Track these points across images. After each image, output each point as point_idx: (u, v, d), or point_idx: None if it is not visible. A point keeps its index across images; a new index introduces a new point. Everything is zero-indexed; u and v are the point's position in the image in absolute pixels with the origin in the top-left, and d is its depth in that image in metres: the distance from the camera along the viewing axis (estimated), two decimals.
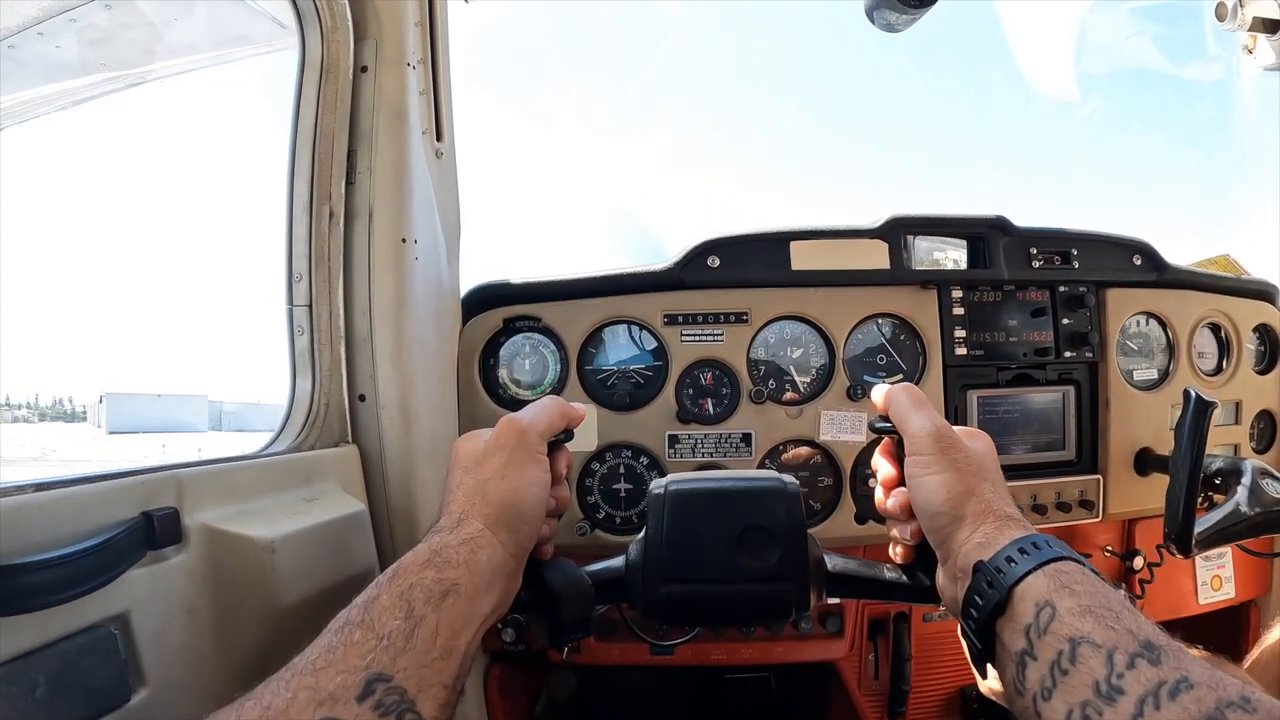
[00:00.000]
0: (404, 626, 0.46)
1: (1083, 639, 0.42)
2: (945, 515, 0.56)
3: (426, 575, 0.50)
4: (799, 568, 0.62)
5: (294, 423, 0.91)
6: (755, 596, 0.62)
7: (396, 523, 0.94)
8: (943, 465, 0.57)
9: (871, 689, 1.16)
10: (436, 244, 1.03)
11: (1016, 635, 0.47)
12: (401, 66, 0.96)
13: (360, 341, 0.92)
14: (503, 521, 0.56)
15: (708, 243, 1.06)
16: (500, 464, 0.59)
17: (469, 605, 0.51)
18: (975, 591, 0.51)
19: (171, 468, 0.66)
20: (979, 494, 0.56)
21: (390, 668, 0.44)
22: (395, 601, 0.47)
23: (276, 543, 0.70)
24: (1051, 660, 0.43)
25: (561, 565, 0.65)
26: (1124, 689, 0.39)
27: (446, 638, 0.47)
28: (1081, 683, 0.41)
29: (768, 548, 0.62)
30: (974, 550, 0.53)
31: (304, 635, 0.48)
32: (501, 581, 0.55)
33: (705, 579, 0.61)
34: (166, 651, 0.61)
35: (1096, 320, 1.17)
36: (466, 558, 0.52)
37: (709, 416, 1.06)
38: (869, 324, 1.11)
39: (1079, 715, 0.40)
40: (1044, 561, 0.48)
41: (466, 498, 0.58)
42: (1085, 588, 0.46)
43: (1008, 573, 0.49)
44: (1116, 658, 0.40)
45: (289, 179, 0.93)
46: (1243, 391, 1.25)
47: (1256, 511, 0.96)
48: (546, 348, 1.08)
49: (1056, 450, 1.16)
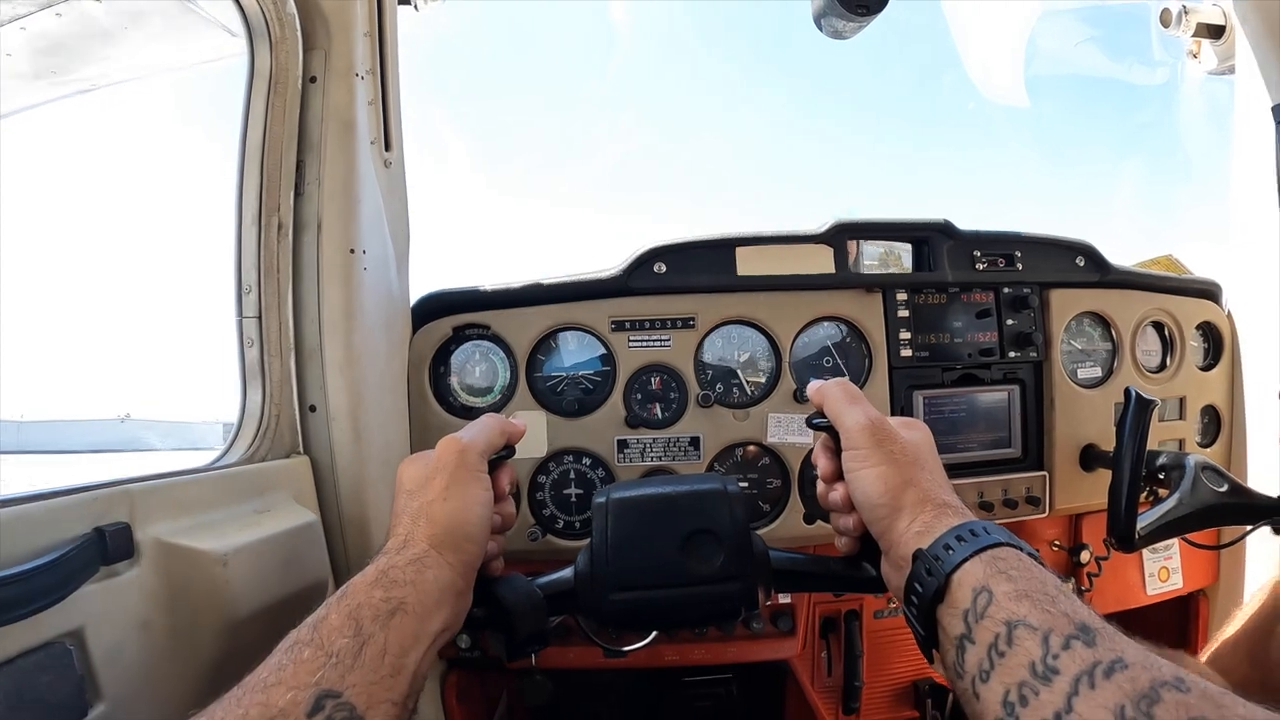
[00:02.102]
0: (352, 644, 0.47)
1: (1019, 622, 0.43)
2: (884, 507, 0.58)
3: (374, 594, 0.51)
4: (745, 567, 0.63)
5: (245, 434, 0.92)
6: (704, 598, 0.63)
7: (349, 532, 0.96)
8: (879, 458, 0.59)
9: (825, 685, 1.18)
10: (386, 254, 1.04)
11: (955, 620, 0.48)
12: (350, 77, 0.97)
13: (310, 352, 0.93)
14: (448, 542, 0.58)
15: (654, 249, 1.07)
16: (442, 486, 0.60)
17: (417, 623, 0.52)
18: (915, 579, 0.52)
19: (123, 482, 0.67)
20: (916, 483, 0.58)
21: (339, 684, 0.44)
22: (344, 620, 0.48)
23: (229, 555, 0.71)
24: (989, 643, 0.44)
25: (512, 580, 0.66)
26: (1059, 669, 0.40)
27: (395, 655, 0.48)
28: (1018, 664, 0.42)
29: (713, 550, 0.63)
30: (913, 539, 0.54)
31: (259, 647, 0.50)
32: (450, 600, 0.56)
33: (653, 585, 0.62)
34: (122, 666, 0.62)
35: (1040, 321, 1.20)
36: (413, 577, 0.54)
37: (657, 421, 1.07)
38: (815, 327, 1.13)
39: (1015, 695, 0.41)
40: (981, 548, 0.50)
41: (411, 520, 0.59)
42: (1021, 573, 0.47)
43: (945, 560, 0.50)
44: (1052, 639, 0.41)
45: (238, 190, 0.94)
46: (1186, 388, 1.28)
47: (1198, 506, 0.98)
48: (496, 355, 1.09)
49: (1003, 448, 1.18)
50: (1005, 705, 0.42)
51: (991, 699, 0.43)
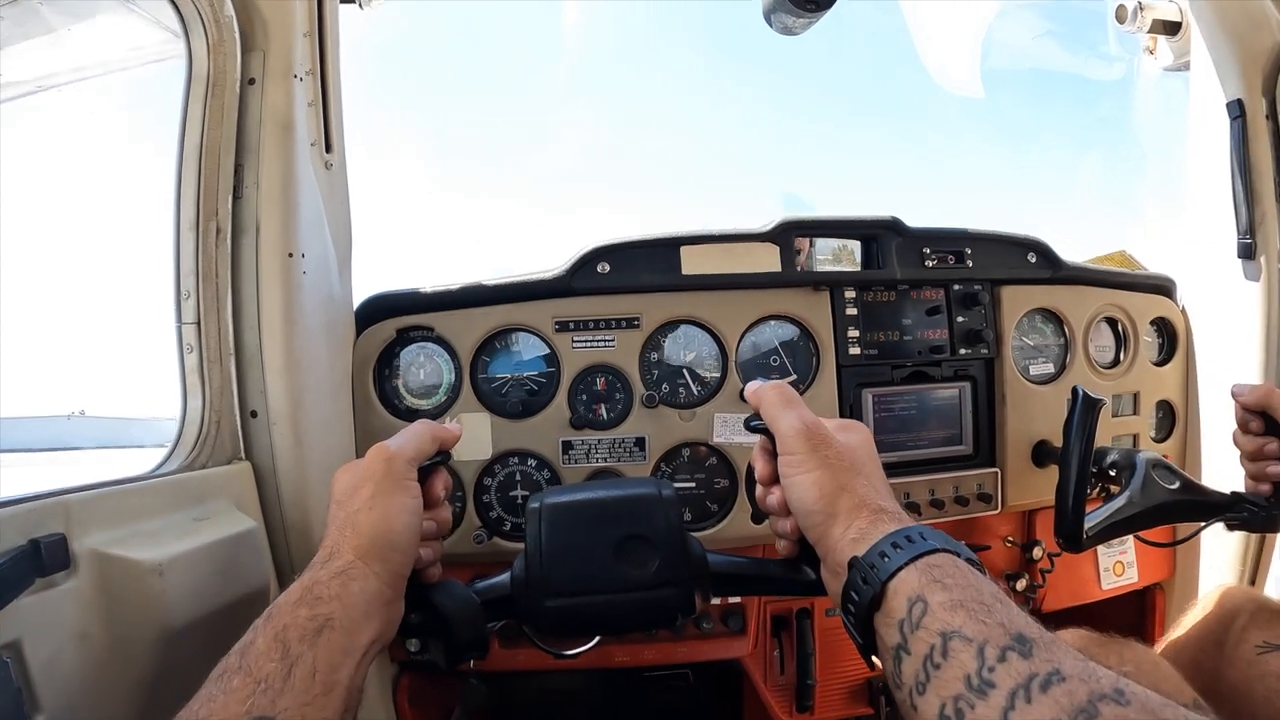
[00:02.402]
0: (280, 668, 0.46)
1: (954, 633, 0.43)
2: (819, 514, 0.57)
3: (300, 613, 0.51)
4: (680, 572, 0.63)
5: (185, 441, 0.92)
6: (639, 604, 0.63)
7: (293, 539, 0.95)
8: (813, 463, 0.58)
9: (778, 684, 1.19)
10: (326, 257, 1.03)
11: (892, 630, 0.47)
12: (289, 79, 0.96)
13: (250, 357, 0.93)
14: (374, 551, 0.57)
15: (597, 249, 1.07)
16: (368, 494, 0.59)
17: (346, 638, 0.51)
18: (852, 587, 0.52)
19: (59, 493, 0.66)
20: (851, 489, 0.57)
21: (270, 710, 0.44)
22: (271, 644, 0.48)
23: (164, 565, 0.71)
24: (924, 655, 0.44)
25: (448, 587, 0.66)
26: (995, 682, 0.39)
27: (325, 673, 0.48)
28: (953, 677, 0.41)
29: (647, 555, 0.63)
30: (849, 546, 0.54)
31: (201, 656, 0.51)
32: (379, 611, 0.56)
33: (588, 590, 0.62)
34: (60, 678, 0.62)
35: (992, 317, 1.20)
36: (338, 591, 0.53)
37: (602, 422, 1.07)
38: (762, 326, 1.13)
39: (951, 709, 0.41)
40: (916, 556, 0.49)
41: (339, 530, 0.59)
42: (957, 581, 0.47)
43: (881, 568, 0.49)
44: (988, 651, 0.41)
45: (175, 194, 0.93)
46: (1140, 383, 1.28)
47: (1150, 504, 0.98)
48: (441, 357, 1.08)
49: (954, 445, 1.19)
50: (942, 719, 0.41)
51: (928, 712, 0.42)
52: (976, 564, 0.51)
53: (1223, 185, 1.26)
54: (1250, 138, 1.23)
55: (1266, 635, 0.93)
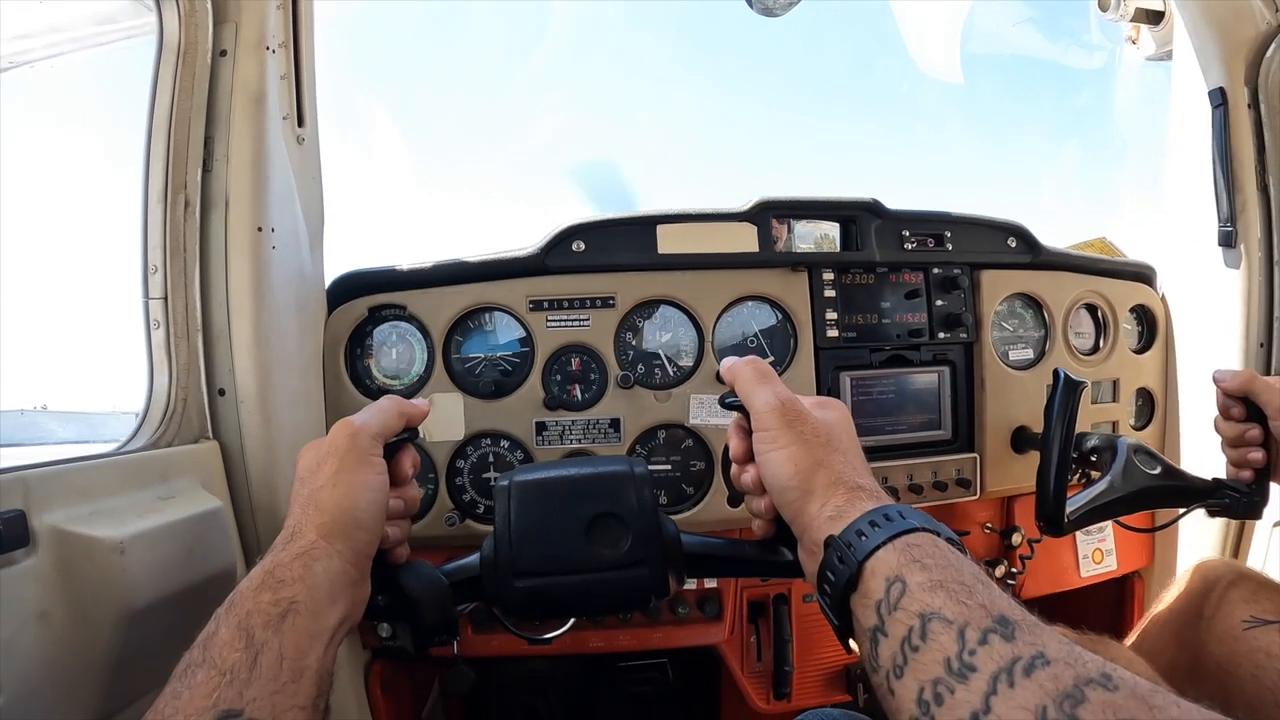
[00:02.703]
0: (245, 657, 0.45)
1: (933, 615, 0.41)
2: (794, 490, 0.55)
3: (262, 599, 0.49)
4: (653, 552, 0.61)
5: (151, 419, 0.90)
6: (611, 584, 0.61)
7: (260, 520, 0.94)
8: (788, 439, 0.57)
9: (755, 670, 1.18)
10: (297, 232, 1.01)
11: (869, 611, 0.46)
12: (261, 50, 0.94)
13: (218, 334, 0.91)
14: (337, 530, 0.55)
15: (572, 227, 1.06)
16: (332, 471, 0.57)
17: (312, 622, 0.49)
18: (828, 567, 0.50)
19: (18, 469, 0.64)
20: (828, 465, 0.55)
21: (238, 702, 0.42)
22: (234, 633, 0.46)
23: (125, 543, 0.69)
24: (902, 637, 0.42)
25: (416, 567, 0.64)
26: (976, 666, 0.38)
27: (293, 659, 0.47)
28: (933, 660, 0.40)
29: (619, 534, 0.61)
30: (825, 524, 0.52)
31: (165, 636, 0.49)
32: (344, 591, 0.54)
33: (558, 571, 0.61)
34: (20, 659, 0.60)
35: (971, 301, 1.19)
36: (301, 573, 0.51)
37: (576, 403, 1.06)
38: (739, 307, 1.12)
39: (930, 693, 0.39)
40: (894, 535, 0.47)
41: (301, 509, 0.57)
42: (937, 560, 0.45)
43: (858, 547, 0.48)
44: (968, 634, 0.39)
45: (144, 167, 0.92)
46: (1120, 370, 1.28)
47: (1131, 488, 0.97)
48: (413, 336, 1.07)
49: (933, 430, 1.18)
50: (920, 704, 0.40)
51: (906, 696, 0.41)
52: (957, 544, 0.49)
53: (1203, 174, 1.26)
54: (1232, 126, 1.23)
55: (1251, 608, 0.92)
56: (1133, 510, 0.99)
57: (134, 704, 0.72)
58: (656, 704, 1.33)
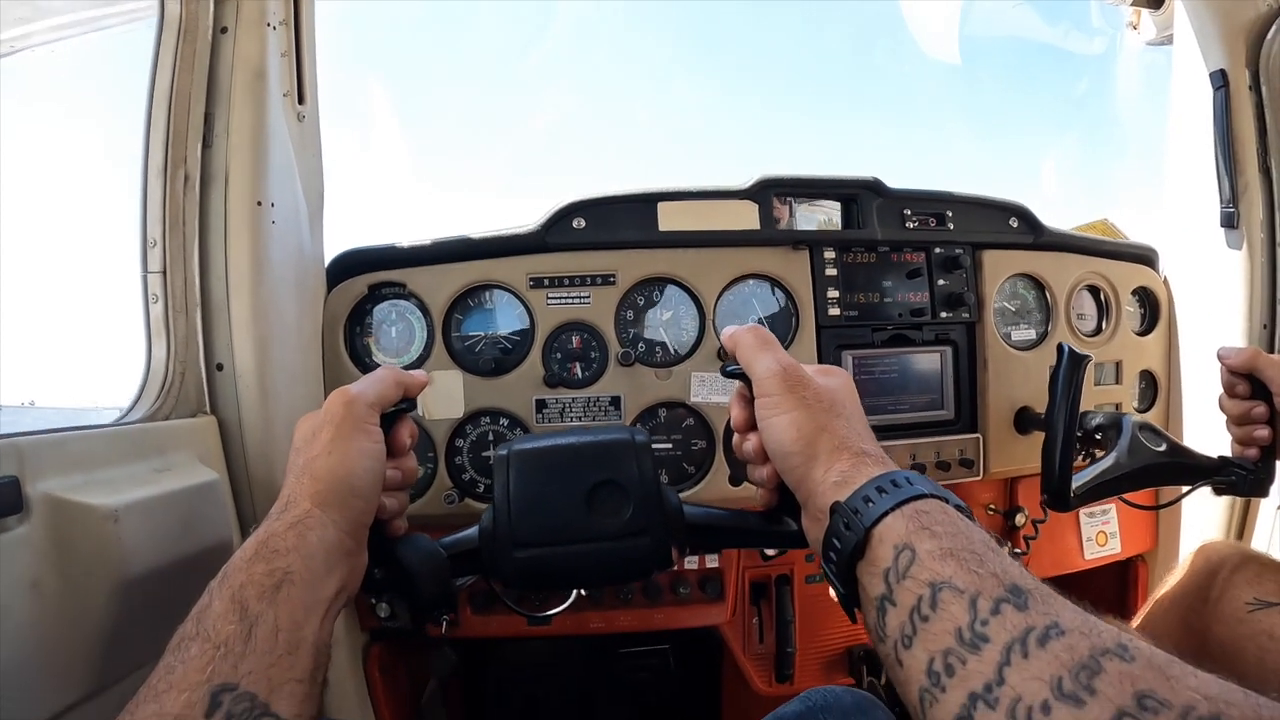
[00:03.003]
0: (240, 629, 0.44)
1: (944, 584, 0.40)
2: (797, 455, 0.54)
3: (256, 570, 0.48)
4: (655, 522, 0.60)
5: (149, 393, 0.90)
6: (612, 554, 0.60)
7: (257, 495, 0.93)
8: (791, 404, 0.56)
9: (757, 653, 1.16)
10: (297, 209, 1.01)
11: (876, 580, 0.45)
12: (262, 27, 0.95)
13: (217, 309, 0.91)
14: (332, 498, 0.54)
15: (572, 204, 1.05)
16: (327, 439, 0.56)
17: (307, 592, 0.48)
18: (833, 534, 0.49)
19: (12, 435, 0.63)
20: (831, 430, 0.54)
21: (233, 675, 0.42)
22: (228, 605, 0.45)
23: (120, 511, 0.68)
24: (911, 606, 0.41)
25: (414, 540, 0.63)
26: (989, 636, 0.37)
27: (289, 631, 0.45)
28: (943, 630, 0.39)
29: (620, 503, 0.60)
30: (830, 490, 0.51)
31: (158, 610, 0.48)
32: (342, 561, 0.53)
33: (558, 541, 0.59)
34: (10, 628, 0.59)
35: (973, 281, 1.18)
36: (295, 543, 0.50)
37: (577, 380, 1.05)
38: (740, 285, 1.12)
39: (941, 664, 0.38)
40: (903, 501, 0.46)
41: (295, 478, 0.56)
42: (947, 528, 0.44)
43: (865, 513, 0.47)
44: (980, 603, 0.38)
45: (144, 142, 0.92)
46: (1122, 352, 1.27)
47: (1136, 465, 0.96)
48: (413, 314, 1.06)
49: (935, 410, 1.17)
50: (930, 674, 0.38)
51: (915, 667, 0.40)
52: (965, 511, 0.48)
53: (1204, 158, 1.26)
54: (1233, 108, 1.23)
55: (1256, 591, 0.91)
56: (1138, 487, 0.98)
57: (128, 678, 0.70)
58: (656, 691, 1.31)
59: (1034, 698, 0.33)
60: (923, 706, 0.39)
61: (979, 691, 0.35)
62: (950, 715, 0.37)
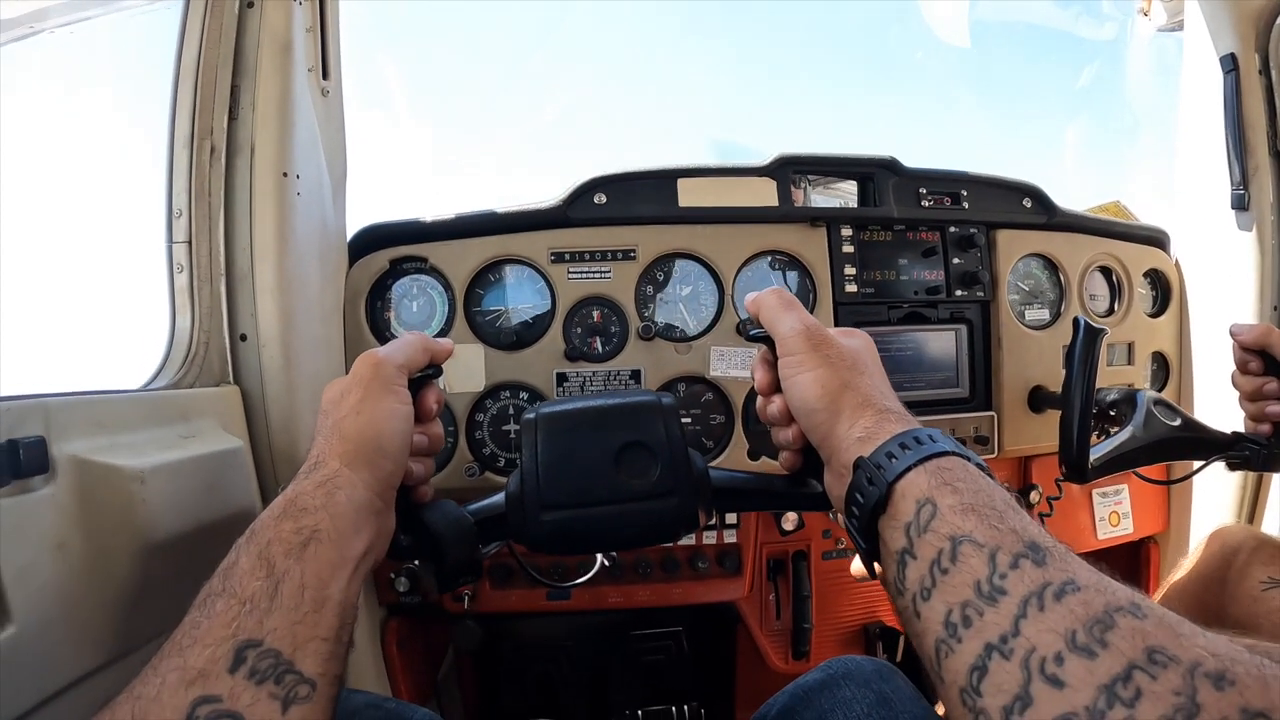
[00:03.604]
0: (266, 586, 0.44)
1: (964, 538, 0.41)
2: (821, 411, 0.55)
3: (284, 528, 0.48)
4: (682, 482, 0.60)
5: (173, 360, 0.90)
6: (640, 515, 0.59)
7: (280, 464, 0.94)
8: (815, 362, 0.56)
9: (774, 629, 1.17)
10: (321, 182, 1.02)
11: (897, 534, 0.45)
12: (288, 2, 0.95)
13: (241, 278, 0.92)
14: (361, 457, 0.54)
15: (594, 180, 1.06)
16: (356, 399, 0.56)
17: (334, 550, 0.48)
18: (856, 489, 0.49)
19: (39, 396, 0.63)
20: (855, 387, 0.55)
21: (258, 631, 0.42)
22: (255, 562, 0.45)
23: (146, 473, 0.68)
24: (931, 559, 0.42)
25: (441, 505, 0.63)
26: (1006, 589, 0.37)
27: (315, 589, 0.45)
28: (962, 582, 0.39)
29: (648, 464, 0.59)
30: (855, 445, 0.51)
31: (182, 572, 0.47)
32: (369, 520, 0.53)
33: (586, 502, 0.59)
34: (35, 588, 0.59)
35: (987, 260, 1.19)
36: (324, 501, 0.50)
37: (597, 354, 1.06)
38: (758, 261, 1.12)
39: (958, 615, 0.39)
40: (926, 457, 0.46)
41: (325, 439, 0.56)
42: (968, 484, 0.45)
43: (888, 469, 0.47)
44: (999, 557, 0.39)
45: (170, 113, 0.93)
46: (1134, 333, 1.28)
47: (1152, 439, 0.97)
48: (434, 289, 1.07)
49: (950, 388, 1.18)
50: (947, 625, 0.39)
51: (933, 618, 0.40)
52: (986, 470, 0.48)
53: (1215, 142, 1.27)
54: (1244, 91, 1.24)
55: (1270, 571, 0.92)
56: (1154, 460, 0.98)
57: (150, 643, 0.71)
58: (670, 670, 1.32)
59: (1048, 649, 0.34)
60: (938, 657, 0.40)
61: (994, 642, 0.36)
62: (965, 665, 0.37)
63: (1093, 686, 0.32)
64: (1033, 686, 0.34)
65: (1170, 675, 0.31)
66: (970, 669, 0.37)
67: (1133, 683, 0.31)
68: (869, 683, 0.66)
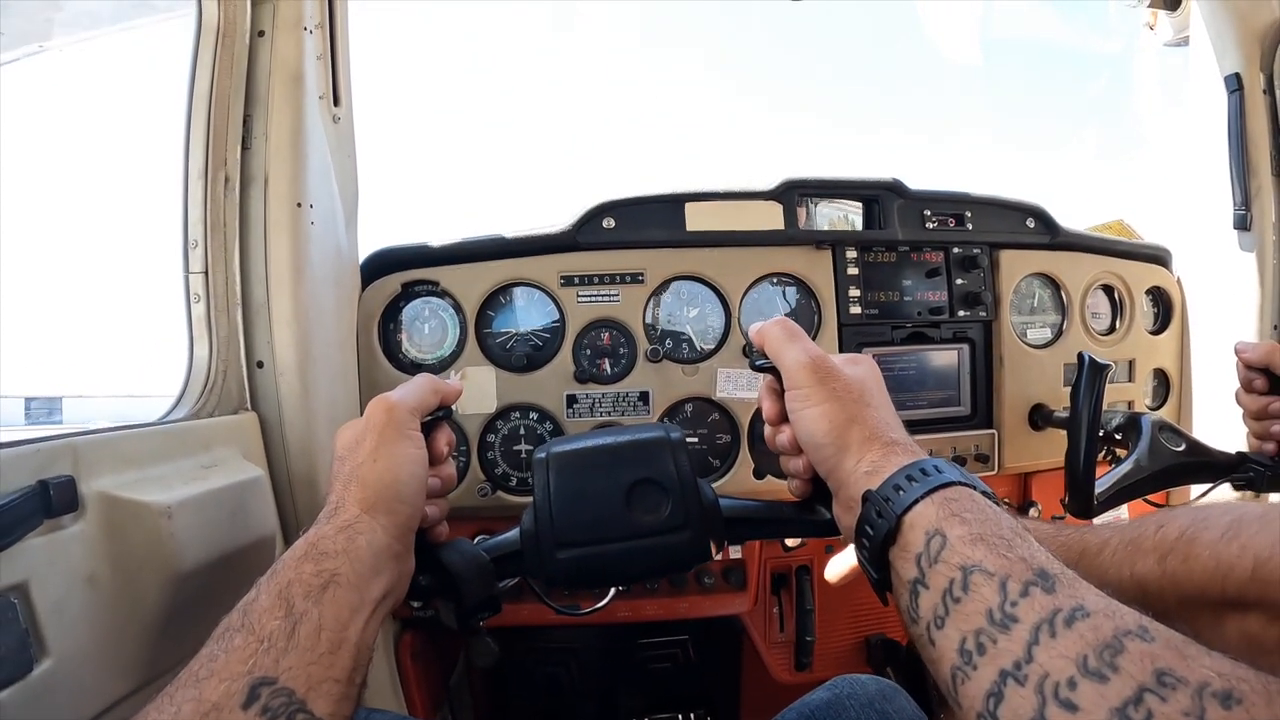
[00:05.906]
0: (284, 625, 0.45)
1: (974, 567, 0.42)
2: (829, 446, 0.55)
3: (304, 569, 0.49)
4: (693, 516, 0.61)
5: (192, 390, 0.92)
6: (653, 550, 0.60)
7: (298, 489, 0.95)
8: (821, 396, 0.57)
9: (778, 642, 1.19)
10: (334, 209, 1.03)
11: (908, 564, 0.46)
12: (299, 30, 0.96)
13: (257, 308, 0.93)
14: (380, 504, 0.55)
15: (603, 204, 1.07)
16: (372, 446, 0.58)
17: (354, 593, 0.49)
18: (865, 521, 0.50)
19: (67, 436, 0.65)
20: (862, 420, 0.55)
21: (274, 670, 0.42)
22: (274, 601, 0.46)
23: (173, 508, 0.70)
24: (943, 589, 0.43)
25: (458, 545, 0.64)
26: (1018, 617, 0.38)
27: (332, 631, 0.46)
28: (975, 610, 0.40)
29: (658, 499, 0.61)
30: (862, 479, 0.52)
31: (206, 601, 0.48)
32: (389, 565, 0.54)
33: (599, 540, 0.60)
34: (68, 621, 0.61)
35: (990, 280, 1.20)
36: (344, 545, 0.51)
37: (606, 376, 1.07)
38: (764, 284, 1.14)
39: (973, 643, 0.40)
40: (932, 489, 0.47)
41: (343, 485, 0.57)
42: (976, 514, 0.46)
43: (895, 501, 0.48)
44: (1010, 586, 0.40)
45: (184, 145, 0.94)
46: (1135, 351, 1.29)
47: (1157, 467, 0.96)
48: (446, 312, 1.09)
49: (952, 406, 1.19)
50: (962, 653, 0.40)
51: (948, 646, 0.41)
52: (992, 498, 0.49)
53: (1218, 160, 1.27)
54: (1248, 111, 1.24)
55: None
56: (1159, 489, 0.98)
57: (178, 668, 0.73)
58: (676, 678, 1.34)
59: (1061, 674, 0.35)
60: (955, 683, 0.41)
61: (1009, 669, 0.37)
62: (982, 691, 0.39)
63: (1105, 710, 0.33)
64: (1048, 711, 0.35)
65: (1179, 696, 0.32)
66: (987, 695, 0.38)
67: (1144, 705, 0.32)
68: (873, 703, 0.68)
